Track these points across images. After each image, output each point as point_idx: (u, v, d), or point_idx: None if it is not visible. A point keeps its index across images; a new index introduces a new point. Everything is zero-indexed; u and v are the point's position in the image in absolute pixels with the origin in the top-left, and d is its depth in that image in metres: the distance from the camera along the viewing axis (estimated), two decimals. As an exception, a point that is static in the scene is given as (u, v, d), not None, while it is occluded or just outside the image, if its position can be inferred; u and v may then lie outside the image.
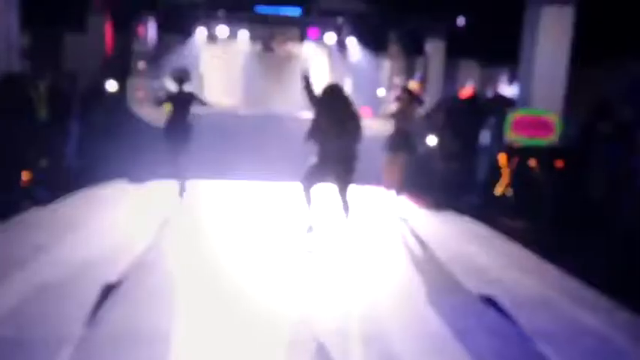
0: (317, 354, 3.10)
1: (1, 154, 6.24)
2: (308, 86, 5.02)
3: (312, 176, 5.05)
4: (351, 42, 15.88)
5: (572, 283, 4.51)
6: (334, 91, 5.08)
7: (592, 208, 6.92)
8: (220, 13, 14.52)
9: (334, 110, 4.93)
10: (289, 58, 16.24)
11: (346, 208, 5.13)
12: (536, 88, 7.71)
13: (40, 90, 7.08)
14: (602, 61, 10.10)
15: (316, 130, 4.96)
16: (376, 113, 13.58)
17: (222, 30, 15.37)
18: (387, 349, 3.17)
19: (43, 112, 7.08)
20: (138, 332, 3.22)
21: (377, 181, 7.17)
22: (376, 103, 14.52)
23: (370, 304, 3.88)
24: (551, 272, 4.81)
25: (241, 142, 9.82)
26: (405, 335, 3.40)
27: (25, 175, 6.44)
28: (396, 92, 6.97)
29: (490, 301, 4.00)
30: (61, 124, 7.98)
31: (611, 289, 4.23)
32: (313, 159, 5.06)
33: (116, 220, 5.78)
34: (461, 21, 12.26)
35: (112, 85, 10.68)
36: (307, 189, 5.09)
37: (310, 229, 5.18)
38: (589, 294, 4.27)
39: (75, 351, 2.93)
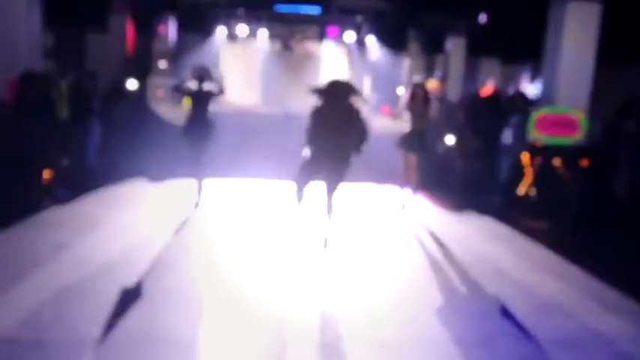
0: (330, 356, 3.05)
1: (22, 153, 6.28)
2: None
3: (306, 173, 4.90)
4: (371, 40, 15.79)
5: (596, 285, 4.37)
6: (337, 90, 4.85)
7: (617, 208, 6.76)
8: (240, 11, 14.54)
9: (335, 111, 4.75)
10: (308, 56, 16.20)
11: (330, 209, 4.92)
12: (561, 85, 7.54)
13: (61, 89, 7.13)
14: (628, 60, 9.87)
15: (315, 129, 4.79)
16: (396, 112, 13.44)
17: (241, 29, 15.40)
18: (404, 354, 3.11)
19: (64, 111, 7.13)
20: (156, 334, 3.19)
21: (394, 180, 7.08)
22: (396, 102, 14.38)
23: (387, 306, 3.80)
24: (574, 274, 4.66)
25: (260, 142, 9.81)
26: (422, 340, 3.32)
27: (46, 174, 6.48)
28: (410, 89, 6.79)
29: (512, 305, 3.90)
30: (82, 122, 8.04)
31: (635, 291, 4.10)
32: (307, 154, 4.89)
33: (135, 219, 5.77)
34: (482, 18, 12.08)
35: (132, 84, 10.76)
36: (301, 188, 4.96)
37: (300, 228, 5.07)
38: (612, 296, 4.15)
39: (93, 353, 2.91)
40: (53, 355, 2.89)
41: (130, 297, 3.64)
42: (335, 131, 4.68)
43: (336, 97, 4.77)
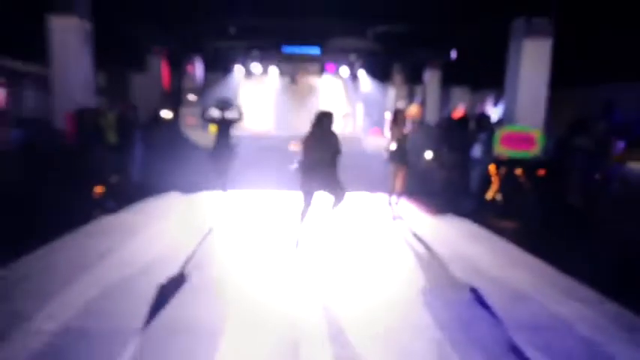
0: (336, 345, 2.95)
1: (79, 172, 6.25)
2: None
3: (306, 187, 4.89)
4: (362, 74, 15.81)
5: (558, 276, 4.26)
6: (322, 118, 4.94)
7: (569, 210, 6.69)
8: (254, 53, 14.58)
9: (320, 133, 4.87)
10: (311, 88, 16.24)
11: (338, 200, 4.89)
12: (521, 108, 7.50)
13: (108, 119, 7.11)
14: (576, 86, 9.84)
15: (305, 148, 4.88)
16: (384, 132, 13.46)
17: (256, 67, 15.46)
18: (398, 339, 3.00)
19: (112, 137, 7.10)
20: (186, 325, 3.11)
21: (383, 187, 7.00)
22: (384, 124, 14.38)
23: (378, 299, 3.70)
24: (539, 267, 4.55)
25: (272, 158, 9.79)
26: (413, 327, 3.22)
27: (97, 189, 6.43)
28: (393, 114, 6.68)
29: (486, 295, 3.79)
30: (127, 146, 8.01)
31: (593, 282, 4.01)
32: (298, 173, 4.93)
33: (170, 227, 5.70)
34: (453, 54, 12.06)
35: (167, 114, 10.76)
36: (307, 200, 4.92)
37: (298, 240, 4.95)
38: (572, 285, 4.03)
39: (138, 342, 2.85)
40: (100, 342, 2.84)
41: (164, 294, 3.59)
42: (318, 149, 4.80)
43: (321, 124, 4.89)
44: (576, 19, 7.58)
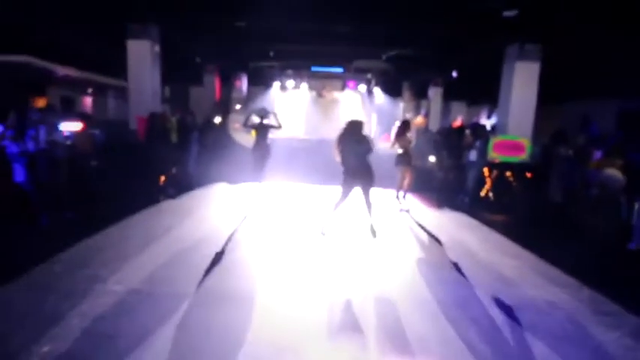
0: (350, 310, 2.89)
1: (148, 166, 6.35)
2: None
3: (345, 188, 4.67)
4: (376, 90, 15.58)
5: (542, 264, 4.07)
6: (352, 124, 4.78)
7: (551, 207, 6.42)
8: (289, 72, 14.57)
9: (352, 136, 4.67)
10: (334, 101, 16.12)
11: (369, 206, 4.73)
12: (512, 120, 7.21)
13: (172, 123, 7.20)
14: (560, 102, 9.43)
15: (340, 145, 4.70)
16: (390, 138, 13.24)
17: (290, 83, 15.44)
18: (401, 308, 2.92)
19: (174, 138, 7.19)
20: (228, 292, 3.10)
21: (392, 184, 6.85)
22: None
23: (385, 276, 3.61)
24: (525, 255, 4.37)
25: (302, 156, 9.79)
26: (414, 300, 3.13)
27: (161, 179, 6.52)
28: (401, 124, 6.53)
29: (478, 277, 3.65)
30: (185, 145, 8.09)
31: (572, 270, 3.81)
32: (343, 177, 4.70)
33: (217, 210, 5.74)
34: (454, 74, 11.73)
35: (218, 120, 10.82)
36: (343, 197, 4.71)
37: (324, 229, 4.75)
38: (555, 272, 3.84)
39: (189, 303, 2.85)
40: (161, 303, 2.85)
41: (210, 266, 3.59)
42: (354, 152, 4.60)
43: (354, 129, 4.71)
44: (562, 45, 7.22)
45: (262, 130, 6.55)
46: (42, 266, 3.32)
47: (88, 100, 12.96)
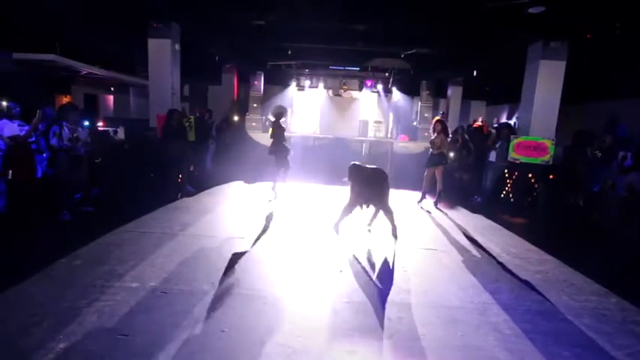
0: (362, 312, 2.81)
1: (166, 163, 6.39)
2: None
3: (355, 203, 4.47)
4: (394, 89, 15.34)
5: (567, 270, 3.89)
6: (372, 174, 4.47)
7: (573, 210, 6.15)
8: (306, 71, 14.48)
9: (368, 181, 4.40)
10: (351, 100, 15.97)
11: (390, 213, 4.49)
12: (535, 120, 6.93)
13: (191, 121, 7.22)
14: (584, 101, 9.04)
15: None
16: (411, 138, 13.10)
17: (306, 81, 15.37)
18: (412, 317, 2.82)
19: (192, 136, 7.20)
20: (248, 291, 3.06)
21: (413, 186, 6.72)
22: (411, 131, 13.92)
23: (410, 277, 3.51)
24: (547, 258, 4.19)
25: (317, 153, 9.74)
26: (433, 304, 3.02)
27: (180, 175, 6.55)
28: (432, 124, 6.40)
29: (500, 281, 3.51)
30: (203, 143, 8.15)
31: (596, 274, 3.68)
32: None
33: (234, 207, 5.74)
34: (473, 73, 11.41)
35: (236, 118, 10.87)
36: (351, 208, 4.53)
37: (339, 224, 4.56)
38: (580, 279, 3.66)
39: (205, 302, 2.83)
40: (176, 301, 2.83)
41: (228, 263, 3.56)
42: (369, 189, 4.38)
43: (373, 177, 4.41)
44: (588, 42, 6.89)
45: (278, 129, 6.41)
46: (61, 261, 3.36)
47: (110, 98, 13.22)
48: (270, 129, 6.50)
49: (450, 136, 6.71)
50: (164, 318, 2.57)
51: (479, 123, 9.90)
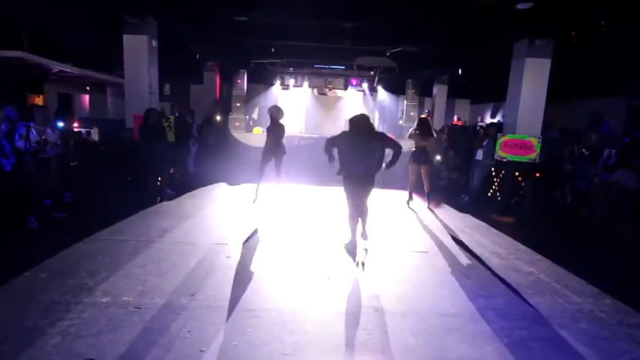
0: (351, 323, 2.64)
1: (144, 166, 6.10)
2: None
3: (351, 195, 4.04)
4: (379, 87, 15.29)
5: (559, 271, 3.82)
6: (360, 120, 3.93)
7: (561, 208, 6.16)
8: (290, 69, 14.27)
9: (358, 134, 3.85)
10: (336, 98, 15.87)
11: (365, 212, 4.12)
12: (521, 118, 6.92)
13: (170, 121, 6.94)
14: (570, 99, 9.13)
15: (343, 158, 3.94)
16: (397, 137, 13.06)
17: (291, 80, 15.17)
18: (406, 327, 2.67)
19: (172, 136, 6.92)
20: (230, 303, 2.85)
21: (400, 186, 6.59)
22: (397, 130, 13.90)
23: (398, 283, 3.36)
24: (538, 259, 4.11)
25: (302, 153, 9.55)
26: (422, 312, 2.88)
27: (159, 179, 6.27)
28: (416, 123, 6.32)
29: (491, 285, 3.41)
30: (184, 144, 7.84)
31: (589, 275, 3.62)
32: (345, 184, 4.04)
33: (217, 211, 5.50)
34: (458, 72, 11.43)
35: (218, 118, 10.58)
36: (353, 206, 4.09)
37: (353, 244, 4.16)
38: (575, 281, 3.58)
39: (182, 318, 2.60)
40: (150, 318, 2.59)
41: (208, 272, 3.35)
42: (359, 150, 3.85)
43: (360, 125, 3.91)
44: (572, 40, 6.93)
45: (273, 129, 6.04)
46: (25, 275, 3.08)
47: (86, 98, 12.71)
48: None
49: (435, 135, 6.61)
50: (137, 337, 2.34)
51: (458, 121, 9.92)
